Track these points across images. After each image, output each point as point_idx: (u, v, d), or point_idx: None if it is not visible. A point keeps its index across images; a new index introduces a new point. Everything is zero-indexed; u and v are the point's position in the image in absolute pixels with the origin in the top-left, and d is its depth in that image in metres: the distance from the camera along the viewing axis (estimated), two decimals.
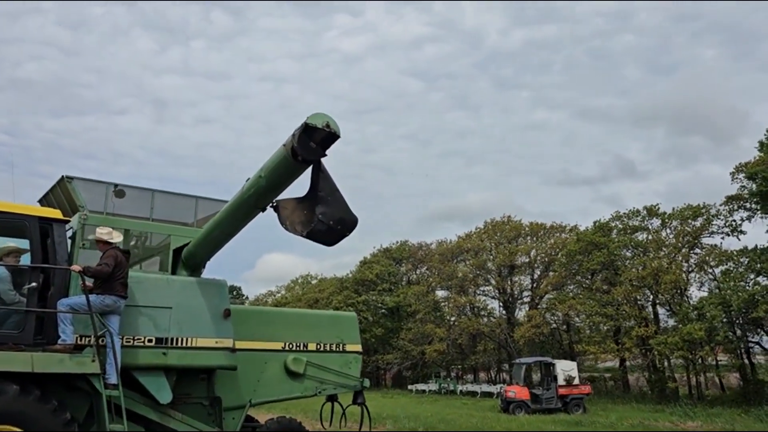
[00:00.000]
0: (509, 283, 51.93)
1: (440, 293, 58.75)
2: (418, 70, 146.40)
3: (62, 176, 9.54)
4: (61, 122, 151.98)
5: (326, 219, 7.21)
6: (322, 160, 7.29)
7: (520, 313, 51.69)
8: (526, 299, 52.95)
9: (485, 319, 51.70)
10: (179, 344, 9.18)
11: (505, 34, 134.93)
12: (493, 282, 52.51)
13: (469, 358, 52.36)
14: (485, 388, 45.04)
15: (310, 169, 7.44)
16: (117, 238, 8.90)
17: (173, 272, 9.90)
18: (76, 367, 7.97)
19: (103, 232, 8.74)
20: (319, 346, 11.41)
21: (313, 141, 7.07)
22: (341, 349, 11.72)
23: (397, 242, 64.47)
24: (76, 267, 8.26)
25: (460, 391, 46.50)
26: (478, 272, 52.44)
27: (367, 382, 12.01)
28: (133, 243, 9.99)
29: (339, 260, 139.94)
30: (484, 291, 54.91)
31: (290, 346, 11.07)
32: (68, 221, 9.01)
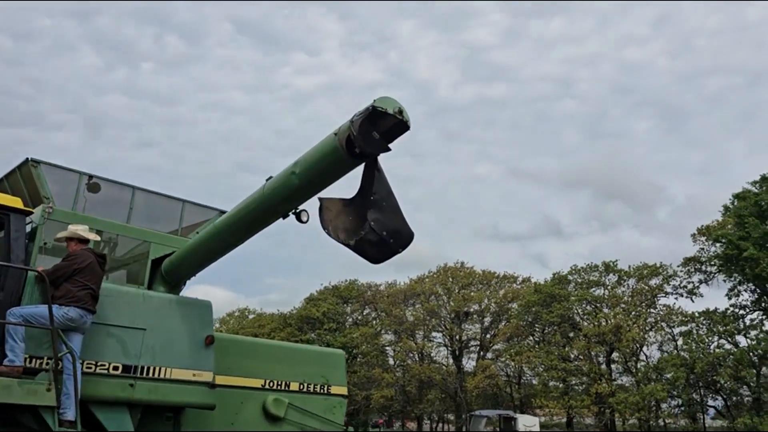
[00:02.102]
0: (459, 330, 50.84)
1: (386, 336, 57.25)
2: None
3: (27, 158, 7.87)
4: None
5: (379, 228, 5.78)
6: (380, 156, 5.91)
7: (469, 363, 50.59)
8: (473, 348, 51.96)
9: (436, 366, 50.25)
10: (150, 374, 7.57)
11: (455, 88, 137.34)
12: (443, 329, 51.30)
13: (416, 407, 50.50)
14: None
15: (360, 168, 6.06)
16: (94, 237, 7.28)
17: (149, 287, 8.29)
18: (26, 396, 6.25)
19: (78, 228, 7.11)
20: (302, 387, 10.06)
21: (377, 131, 5.74)
22: (326, 391, 10.45)
23: (346, 281, 62.62)
24: (40, 268, 6.57)
25: None
26: (429, 317, 51.22)
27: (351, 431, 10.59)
28: (102, 248, 8.35)
29: (265, 297, 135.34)
30: (432, 337, 53.66)
31: (271, 384, 9.70)
32: (31, 213, 7.34)
